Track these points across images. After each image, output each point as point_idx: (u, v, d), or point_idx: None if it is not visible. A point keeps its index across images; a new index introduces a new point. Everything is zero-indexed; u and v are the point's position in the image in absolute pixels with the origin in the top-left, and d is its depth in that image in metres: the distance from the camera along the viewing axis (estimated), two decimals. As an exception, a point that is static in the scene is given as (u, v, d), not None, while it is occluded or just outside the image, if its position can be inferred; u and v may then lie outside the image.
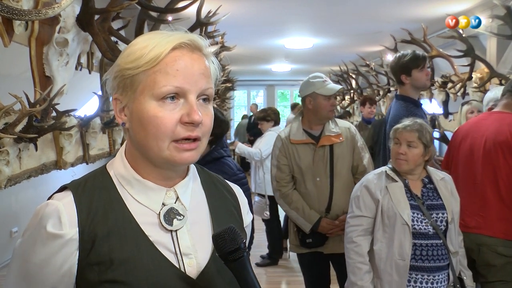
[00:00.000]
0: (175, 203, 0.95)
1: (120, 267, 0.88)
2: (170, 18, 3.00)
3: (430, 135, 2.28)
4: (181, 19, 2.79)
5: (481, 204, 2.53)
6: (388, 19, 6.06)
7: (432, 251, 2.15)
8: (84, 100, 4.82)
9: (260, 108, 10.15)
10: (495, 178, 2.49)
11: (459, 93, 5.33)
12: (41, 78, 2.24)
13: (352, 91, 9.38)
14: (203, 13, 3.26)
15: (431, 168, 2.35)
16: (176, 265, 0.92)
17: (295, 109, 11.21)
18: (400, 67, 2.80)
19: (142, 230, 0.91)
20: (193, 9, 2.73)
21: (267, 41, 7.96)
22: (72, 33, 2.35)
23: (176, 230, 0.94)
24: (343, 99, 9.92)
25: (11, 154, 1.96)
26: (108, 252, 0.88)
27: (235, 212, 1.06)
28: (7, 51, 2.01)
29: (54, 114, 2.23)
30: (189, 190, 0.98)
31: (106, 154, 3.30)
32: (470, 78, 4.81)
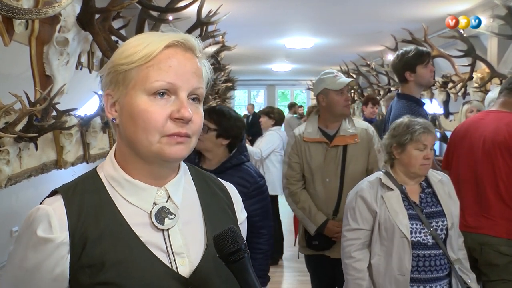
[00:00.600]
0: (166, 202, 0.95)
1: (112, 269, 0.88)
2: (170, 18, 3.00)
3: None
4: (182, 18, 2.79)
5: (482, 204, 2.52)
6: (389, 19, 6.06)
7: (431, 262, 2.04)
8: (84, 100, 4.82)
9: (259, 108, 10.19)
10: (494, 178, 2.49)
11: (459, 93, 5.33)
12: (42, 77, 2.24)
13: (352, 91, 9.37)
14: (204, 12, 3.26)
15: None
16: (168, 265, 0.91)
17: (292, 109, 11.25)
18: (404, 64, 2.74)
19: (133, 231, 0.91)
20: (193, 8, 2.72)
21: (268, 41, 7.96)
22: (72, 33, 2.35)
23: (167, 229, 0.93)
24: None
25: (12, 154, 1.96)
26: (100, 254, 0.88)
27: (228, 210, 1.06)
28: (7, 50, 2.01)
29: (54, 113, 2.23)
30: (180, 188, 0.98)
31: (107, 153, 3.27)
32: (470, 78, 4.81)
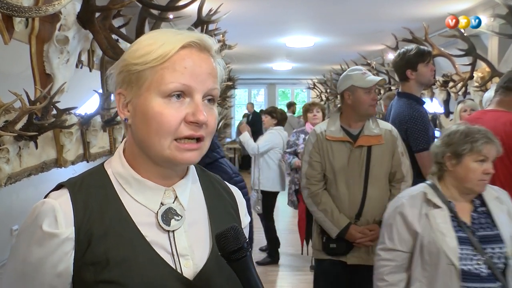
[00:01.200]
0: (173, 202, 0.94)
1: (116, 267, 0.87)
2: (171, 16, 2.99)
3: None
4: (182, 17, 2.79)
5: None
6: (389, 18, 6.05)
7: None
8: (84, 98, 4.81)
9: (259, 107, 10.22)
10: (492, 178, 2.48)
11: (460, 92, 5.33)
12: (42, 76, 2.23)
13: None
14: (204, 11, 3.25)
15: None
16: (173, 266, 0.91)
17: (290, 108, 11.25)
18: (406, 62, 2.78)
19: (139, 230, 0.90)
20: (194, 7, 2.71)
21: (268, 40, 7.95)
22: (72, 31, 2.34)
23: (173, 230, 0.93)
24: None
25: (11, 152, 1.95)
26: (104, 252, 0.87)
27: (233, 213, 1.05)
28: (7, 48, 2.00)
29: (54, 112, 2.22)
30: (188, 190, 0.97)
31: (107, 152, 3.29)
32: (471, 77, 4.81)
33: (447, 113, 5.94)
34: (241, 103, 16.54)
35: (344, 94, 2.69)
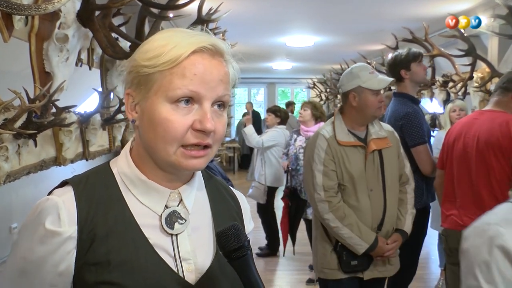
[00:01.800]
0: (178, 206, 0.94)
1: (118, 269, 0.86)
2: (171, 15, 2.99)
3: None
4: (182, 16, 2.78)
5: (477, 204, 2.52)
6: (390, 17, 6.05)
7: None
8: (84, 97, 4.82)
9: (259, 106, 10.20)
10: (488, 178, 2.49)
11: (460, 93, 5.33)
12: (41, 74, 2.23)
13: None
14: (204, 10, 3.25)
15: None
16: (175, 270, 0.90)
17: (289, 107, 11.23)
18: (400, 62, 2.97)
19: (142, 232, 0.90)
20: (194, 6, 2.71)
21: (268, 39, 7.95)
22: (72, 29, 2.34)
23: (176, 234, 0.92)
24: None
25: (10, 150, 1.95)
26: (106, 252, 0.86)
27: (237, 219, 1.04)
28: (7, 46, 2.00)
29: (53, 110, 2.22)
30: (193, 193, 0.97)
31: (106, 150, 3.29)
32: (471, 77, 4.81)
33: (447, 113, 5.94)
34: (240, 102, 16.52)
35: (349, 95, 2.46)
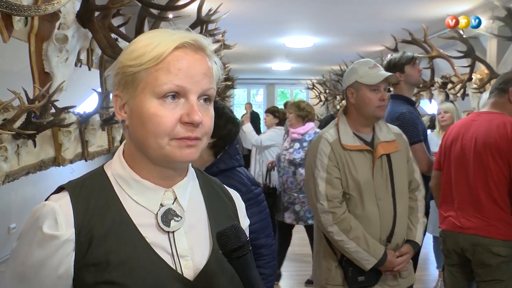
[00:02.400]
0: (173, 203, 0.95)
1: (117, 269, 0.87)
2: (170, 16, 2.99)
3: None
4: (182, 16, 2.79)
5: (475, 205, 2.53)
6: (389, 19, 6.06)
7: None
8: (83, 97, 4.82)
9: (258, 107, 10.23)
10: (486, 180, 2.50)
11: (459, 94, 5.33)
12: (41, 74, 2.23)
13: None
14: (204, 11, 3.26)
15: None
16: (173, 267, 0.91)
17: (286, 108, 11.23)
18: (394, 65, 3.00)
19: (139, 231, 0.91)
20: (193, 7, 2.72)
21: (268, 40, 7.95)
22: (72, 30, 2.34)
23: (173, 231, 0.93)
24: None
25: (10, 150, 1.95)
26: (105, 253, 0.88)
27: (232, 216, 1.06)
28: (7, 47, 2.01)
29: (53, 110, 2.22)
30: (187, 191, 0.98)
31: (105, 151, 3.29)
32: (470, 79, 4.82)
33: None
34: (240, 103, 16.53)
35: (347, 92, 2.29)
